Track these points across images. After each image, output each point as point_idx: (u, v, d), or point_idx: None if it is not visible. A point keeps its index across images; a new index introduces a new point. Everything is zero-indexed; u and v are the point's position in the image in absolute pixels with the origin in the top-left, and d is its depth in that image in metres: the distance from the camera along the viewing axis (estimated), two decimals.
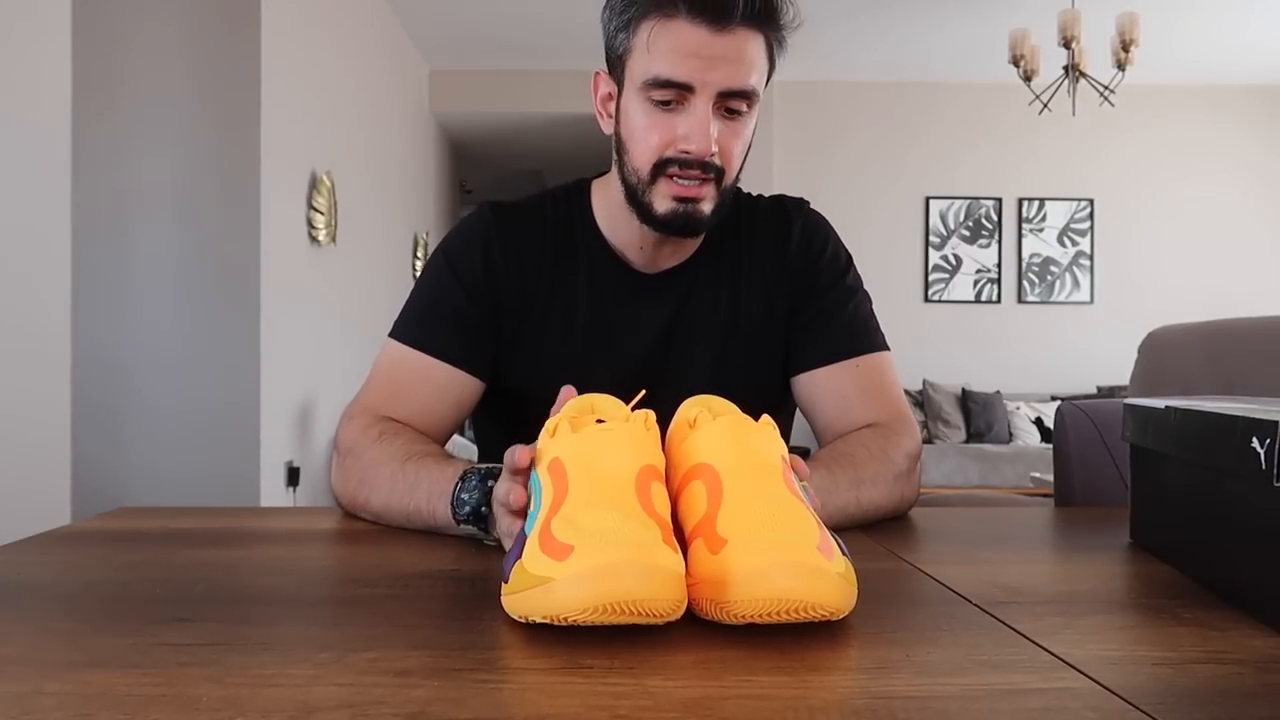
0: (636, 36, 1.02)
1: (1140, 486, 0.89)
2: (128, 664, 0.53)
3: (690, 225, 1.07)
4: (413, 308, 1.15)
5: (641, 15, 1.02)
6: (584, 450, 0.65)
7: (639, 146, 1.04)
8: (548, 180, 8.93)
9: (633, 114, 1.04)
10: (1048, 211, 6.68)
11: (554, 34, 5.64)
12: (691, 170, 1.02)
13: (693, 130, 1.00)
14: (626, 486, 0.62)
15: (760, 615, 0.58)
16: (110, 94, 3.23)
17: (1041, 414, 6.17)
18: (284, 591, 0.71)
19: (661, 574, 0.56)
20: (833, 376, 1.14)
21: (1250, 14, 5.34)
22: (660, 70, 1.00)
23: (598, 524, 0.58)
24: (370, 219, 4.92)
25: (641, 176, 1.05)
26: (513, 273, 1.14)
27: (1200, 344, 1.64)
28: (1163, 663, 0.56)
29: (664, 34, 1.00)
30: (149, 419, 3.29)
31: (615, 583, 0.55)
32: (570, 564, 0.56)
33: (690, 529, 0.65)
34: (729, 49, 0.99)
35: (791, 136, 6.57)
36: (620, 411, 0.72)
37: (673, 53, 0.99)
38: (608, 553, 0.56)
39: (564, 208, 1.18)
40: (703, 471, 0.66)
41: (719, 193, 1.06)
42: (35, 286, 1.91)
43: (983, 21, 5.44)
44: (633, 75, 1.03)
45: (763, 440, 0.68)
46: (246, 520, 1.05)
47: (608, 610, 0.55)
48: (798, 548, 0.59)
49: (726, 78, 1.00)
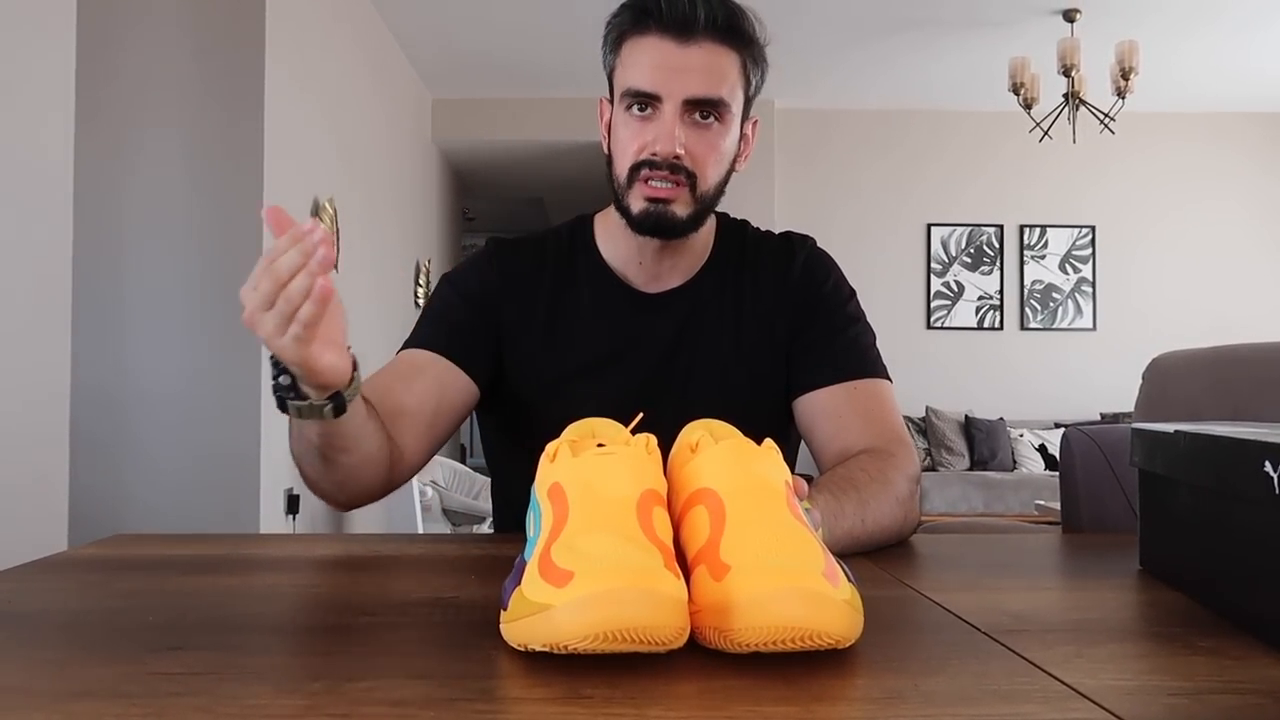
0: (619, 55, 1.14)
1: (1149, 512, 0.88)
2: (118, 693, 0.52)
3: (663, 225, 1.13)
4: (415, 327, 1.21)
5: (622, 35, 1.13)
6: (585, 475, 0.64)
7: (619, 154, 1.13)
8: (549, 207, 8.97)
9: (617, 126, 1.14)
10: (1049, 238, 6.69)
11: (555, 63, 5.68)
12: (660, 171, 1.10)
13: (659, 134, 1.09)
14: (628, 511, 0.60)
15: (765, 644, 0.56)
16: (112, 122, 3.25)
17: (1045, 441, 6.15)
18: (279, 619, 0.70)
19: (664, 601, 0.54)
20: (829, 398, 1.16)
21: (1250, 42, 5.37)
22: (633, 82, 1.10)
23: (598, 549, 0.57)
24: (372, 247, 4.93)
25: (621, 181, 1.13)
26: (513, 294, 1.20)
27: (1205, 370, 1.63)
28: (1178, 693, 0.54)
29: (637, 49, 1.11)
30: (149, 446, 3.27)
31: (617, 609, 0.53)
32: (570, 590, 0.54)
33: (693, 555, 0.64)
34: (694, 61, 1.08)
35: (792, 164, 6.60)
36: (620, 435, 0.71)
37: (644, 65, 1.10)
38: (609, 579, 0.54)
39: (566, 239, 1.25)
40: (705, 496, 0.65)
41: (694, 198, 1.12)
42: (35, 314, 1.90)
43: (983, 50, 5.48)
44: (617, 90, 1.14)
45: (765, 464, 0.67)
46: (242, 547, 1.03)
47: (609, 638, 0.53)
48: (802, 574, 0.58)
49: (691, 86, 1.08)
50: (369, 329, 4.87)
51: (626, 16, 1.12)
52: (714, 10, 1.08)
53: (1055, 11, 4.94)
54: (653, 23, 1.09)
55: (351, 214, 4.44)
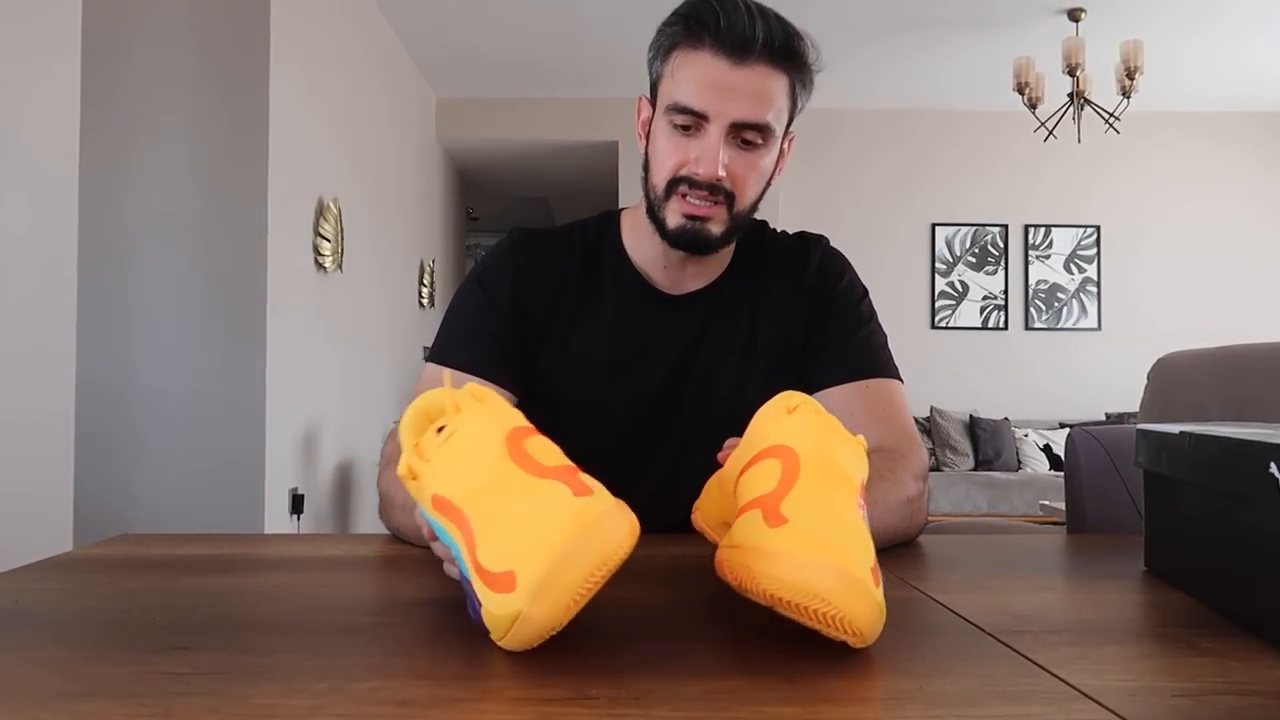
0: (668, 64, 1.10)
1: (1154, 513, 0.88)
2: (124, 693, 0.52)
3: (698, 242, 1.12)
4: (446, 330, 1.20)
5: (673, 45, 1.09)
6: (448, 470, 0.60)
7: (658, 165, 1.12)
8: (553, 207, 8.97)
9: (658, 135, 1.12)
10: (1054, 238, 6.68)
11: (560, 62, 5.68)
12: (700, 190, 1.09)
13: (703, 155, 1.07)
14: (506, 471, 0.58)
15: (789, 602, 0.56)
16: (117, 121, 3.25)
17: (1050, 441, 6.14)
18: (285, 619, 0.70)
19: (597, 525, 0.54)
20: (841, 396, 1.16)
21: (1255, 41, 5.36)
22: (681, 97, 1.07)
23: (512, 534, 0.55)
24: (377, 246, 4.93)
25: (658, 193, 1.12)
26: (540, 289, 1.19)
27: (1211, 369, 1.63)
28: (1182, 694, 0.54)
29: (688, 64, 1.07)
30: (154, 446, 3.28)
31: (571, 573, 0.54)
32: (522, 589, 0.54)
33: (749, 501, 0.62)
34: (746, 83, 1.05)
35: (797, 163, 6.56)
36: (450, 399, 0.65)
37: (693, 82, 1.06)
38: (541, 555, 0.54)
39: (593, 234, 1.24)
40: (784, 453, 0.64)
41: (730, 216, 1.12)
42: (39, 314, 1.91)
43: (988, 50, 5.47)
44: (662, 100, 1.11)
45: (851, 455, 0.67)
46: (248, 547, 1.03)
47: (583, 592, 0.54)
48: (853, 559, 0.57)
49: (740, 110, 1.06)
50: (374, 328, 4.87)
51: (681, 27, 1.08)
52: (772, 32, 1.04)
53: (1060, 11, 4.93)
54: (708, 38, 1.05)
55: (356, 213, 4.44)
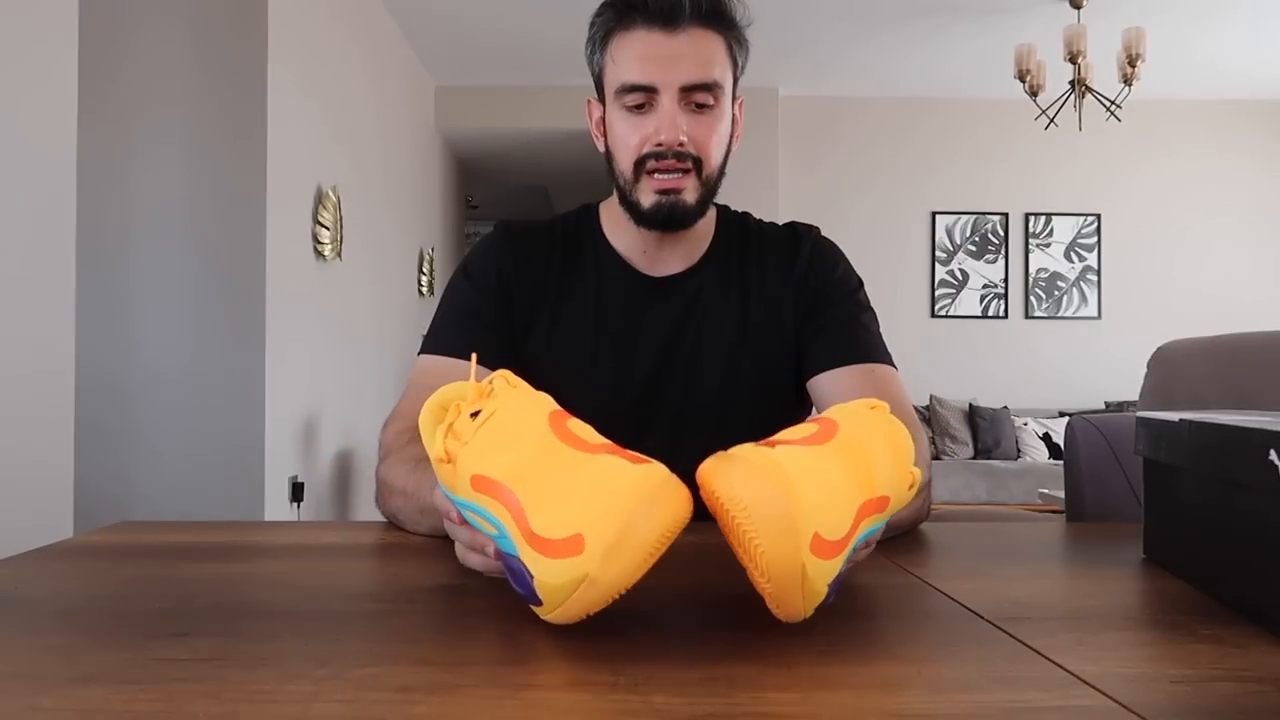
0: (607, 52, 1.14)
1: (1154, 501, 0.88)
2: (124, 680, 0.52)
3: (675, 215, 1.14)
4: (437, 322, 1.22)
5: (608, 32, 1.14)
6: (489, 451, 0.61)
7: (621, 150, 1.14)
8: (552, 195, 8.96)
9: (614, 123, 1.14)
10: (1054, 226, 6.67)
11: (559, 51, 5.66)
12: (667, 161, 1.11)
13: (661, 124, 1.10)
14: (553, 448, 0.60)
15: (720, 504, 0.57)
16: (115, 109, 3.25)
17: (1049, 429, 6.14)
18: (284, 606, 0.70)
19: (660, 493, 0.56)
20: (847, 378, 1.17)
21: (1257, 29, 5.34)
22: (626, 77, 1.11)
23: (574, 500, 0.56)
24: (376, 235, 4.93)
25: (627, 178, 1.14)
26: (524, 277, 1.21)
27: (1210, 358, 1.63)
28: (1181, 680, 0.54)
29: (625, 44, 1.12)
30: (153, 435, 3.28)
31: (640, 536, 0.55)
32: (591, 550, 0.55)
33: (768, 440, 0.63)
34: (684, 47, 1.10)
35: (797, 151, 6.58)
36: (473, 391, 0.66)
37: (635, 59, 1.11)
38: (612, 516, 0.55)
39: (574, 224, 1.26)
40: (825, 423, 0.64)
41: (700, 182, 1.14)
42: (38, 301, 1.91)
43: (989, 38, 5.45)
44: (609, 87, 1.14)
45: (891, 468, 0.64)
46: (247, 534, 1.04)
47: (650, 557, 0.56)
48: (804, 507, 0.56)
49: (685, 73, 1.09)
50: (373, 317, 4.87)
51: (611, 14, 1.13)
52: None
53: None
54: (638, 16, 1.10)
55: (355, 202, 4.43)
